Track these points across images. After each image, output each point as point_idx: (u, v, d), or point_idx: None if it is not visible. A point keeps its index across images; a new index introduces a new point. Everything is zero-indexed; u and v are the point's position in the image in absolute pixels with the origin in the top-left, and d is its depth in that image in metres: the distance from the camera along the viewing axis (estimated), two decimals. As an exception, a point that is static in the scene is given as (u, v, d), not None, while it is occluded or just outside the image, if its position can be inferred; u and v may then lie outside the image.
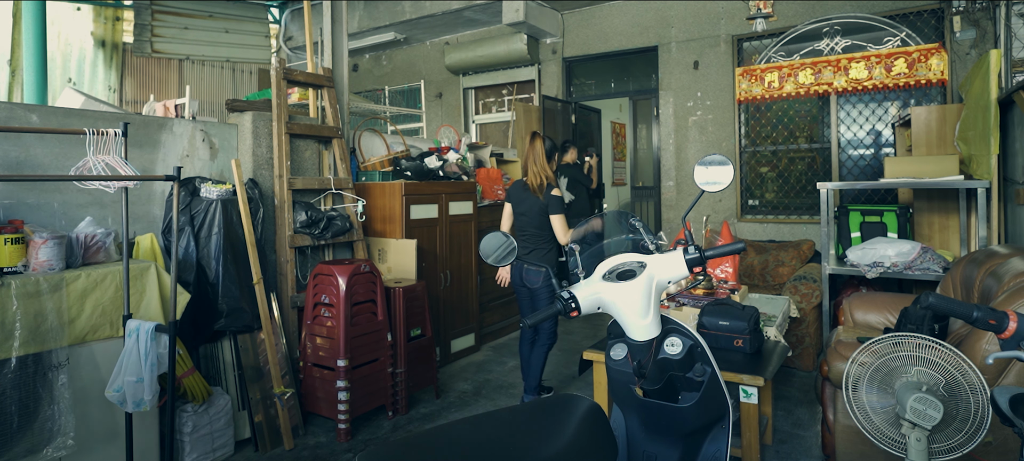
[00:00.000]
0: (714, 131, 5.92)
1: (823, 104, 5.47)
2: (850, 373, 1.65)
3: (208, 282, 2.98)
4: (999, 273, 2.32)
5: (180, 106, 5.01)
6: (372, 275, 3.33)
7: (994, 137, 3.36)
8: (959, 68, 4.74)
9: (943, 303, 1.44)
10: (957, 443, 1.51)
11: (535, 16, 6.32)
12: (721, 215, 5.84)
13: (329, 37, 4.08)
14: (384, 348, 3.38)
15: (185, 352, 2.78)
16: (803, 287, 4.04)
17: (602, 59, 6.77)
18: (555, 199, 3.27)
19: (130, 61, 7.44)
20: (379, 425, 3.34)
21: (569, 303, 1.48)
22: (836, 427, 2.48)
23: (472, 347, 4.65)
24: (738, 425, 2.45)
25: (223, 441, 2.90)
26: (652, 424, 1.64)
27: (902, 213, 4.10)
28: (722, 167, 1.65)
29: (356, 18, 7.27)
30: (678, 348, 1.53)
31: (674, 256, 1.52)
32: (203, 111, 6.06)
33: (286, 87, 3.57)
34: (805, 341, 3.98)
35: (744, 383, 2.39)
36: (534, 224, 3.35)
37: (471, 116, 7.75)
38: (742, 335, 2.60)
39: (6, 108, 2.63)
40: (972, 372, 1.48)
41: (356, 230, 3.81)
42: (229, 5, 7.35)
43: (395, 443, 1.23)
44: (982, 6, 4.60)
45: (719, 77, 5.86)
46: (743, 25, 5.66)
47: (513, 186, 3.50)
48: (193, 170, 3.25)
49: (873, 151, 5.30)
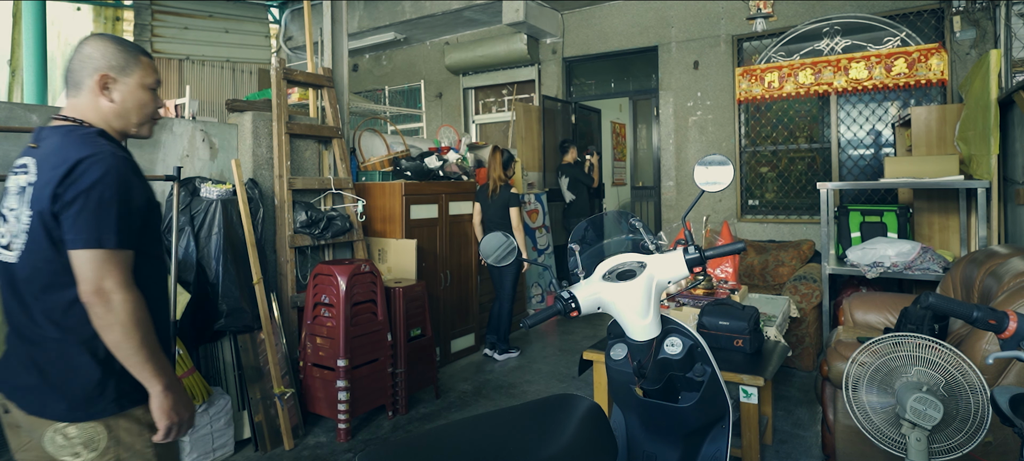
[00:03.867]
0: (714, 131, 5.92)
1: (823, 104, 5.47)
2: (850, 373, 1.65)
3: (208, 282, 2.98)
4: (999, 273, 2.32)
5: (180, 106, 5.01)
6: (372, 275, 3.33)
7: (994, 137, 3.36)
8: (959, 68, 4.74)
9: (943, 303, 1.44)
10: (957, 443, 1.51)
11: (535, 16, 6.32)
12: (721, 215, 5.84)
13: (329, 37, 4.08)
14: (384, 348, 3.38)
15: (185, 352, 2.78)
16: (803, 287, 4.04)
17: (602, 59, 6.77)
18: (513, 195, 4.34)
19: (130, 61, 7.43)
20: (379, 425, 3.34)
21: (569, 303, 1.48)
22: (836, 427, 2.48)
23: (472, 347, 4.65)
24: (738, 425, 2.45)
25: (223, 441, 2.90)
26: (652, 424, 1.64)
27: (902, 213, 4.10)
28: (722, 167, 1.65)
29: (356, 18, 7.27)
30: (678, 348, 1.53)
31: (674, 256, 1.52)
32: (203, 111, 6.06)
33: (286, 87, 3.57)
34: (805, 341, 3.98)
35: (744, 383, 2.39)
36: (495, 219, 4.36)
37: (471, 116, 7.75)
38: (742, 335, 2.60)
39: (6, 108, 2.63)
40: (972, 372, 1.48)
41: (356, 230, 3.81)
42: (229, 5, 7.35)
43: (395, 443, 1.23)
44: (982, 6, 4.60)
45: (719, 77, 5.86)
46: (743, 25, 5.66)
47: (480, 188, 4.51)
48: (193, 170, 3.25)
49: (873, 151, 5.31)
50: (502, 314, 4.42)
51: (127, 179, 1.31)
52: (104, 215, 1.25)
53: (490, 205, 4.39)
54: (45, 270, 1.29)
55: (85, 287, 1.25)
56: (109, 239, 1.26)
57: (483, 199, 4.45)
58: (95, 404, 1.31)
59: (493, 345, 4.50)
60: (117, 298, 1.26)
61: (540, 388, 3.87)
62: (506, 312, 4.42)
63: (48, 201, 1.26)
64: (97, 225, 1.25)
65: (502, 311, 4.42)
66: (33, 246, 1.29)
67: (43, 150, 1.33)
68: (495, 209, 4.37)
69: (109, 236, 1.26)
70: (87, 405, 1.31)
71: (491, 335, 4.51)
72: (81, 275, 1.25)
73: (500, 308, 4.42)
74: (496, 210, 4.36)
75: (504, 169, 4.42)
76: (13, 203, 1.34)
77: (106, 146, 1.32)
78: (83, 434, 1.31)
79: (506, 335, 4.47)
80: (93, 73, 1.37)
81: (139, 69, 1.42)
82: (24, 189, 1.31)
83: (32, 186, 1.30)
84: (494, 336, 4.48)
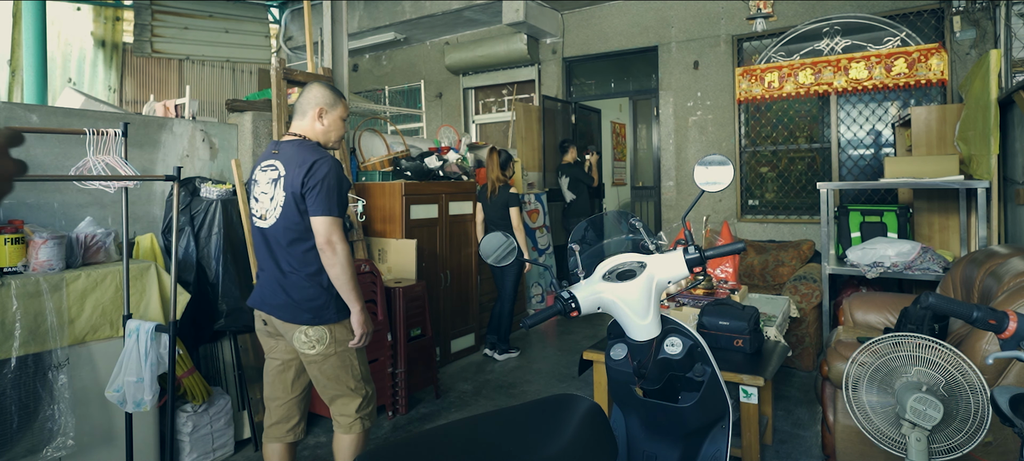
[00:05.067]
0: (714, 131, 5.92)
1: (823, 104, 5.47)
2: (850, 373, 1.65)
3: (208, 282, 2.98)
4: (999, 273, 2.32)
5: (180, 106, 5.01)
6: (372, 275, 3.33)
7: (994, 137, 3.35)
8: (959, 68, 4.74)
9: (943, 303, 1.44)
10: (957, 443, 1.51)
11: (535, 16, 6.31)
12: (721, 215, 5.84)
13: (329, 37, 4.08)
14: (384, 348, 3.38)
15: (185, 352, 2.78)
16: (803, 287, 4.04)
17: (602, 59, 6.77)
18: (512, 195, 4.34)
19: (130, 61, 7.43)
20: (379, 425, 3.34)
21: (569, 303, 1.48)
22: (836, 427, 2.48)
23: (472, 347, 4.65)
24: (738, 425, 2.45)
25: (223, 441, 2.90)
26: (652, 424, 1.64)
27: (902, 213, 4.10)
28: (722, 167, 1.65)
29: (356, 18, 7.27)
30: (678, 348, 1.53)
31: (674, 256, 1.52)
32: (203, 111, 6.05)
33: (286, 87, 3.57)
34: (805, 341, 3.98)
35: (744, 383, 2.39)
36: (494, 219, 4.37)
37: (471, 116, 7.75)
38: (742, 335, 2.60)
39: (6, 108, 2.62)
40: (972, 372, 1.48)
41: (356, 230, 3.81)
42: (229, 5, 7.34)
43: (395, 443, 1.23)
44: (982, 6, 4.60)
45: (719, 77, 5.85)
46: (743, 25, 5.66)
47: (480, 189, 4.54)
48: (193, 170, 3.25)
49: (873, 151, 5.30)
50: (503, 314, 4.43)
51: (341, 173, 2.06)
52: (332, 195, 1.99)
53: (490, 206, 4.41)
54: (292, 230, 2.01)
55: (321, 240, 1.98)
56: (334, 210, 1.99)
57: (483, 200, 4.48)
58: (323, 315, 2.04)
59: (493, 345, 4.50)
60: (340, 247, 1.99)
61: (540, 388, 3.87)
62: (507, 312, 4.43)
63: (298, 186, 1.98)
64: (328, 201, 1.98)
65: (503, 311, 4.43)
66: (285, 215, 2.01)
67: (284, 154, 2.06)
68: (494, 209, 4.38)
69: (334, 208, 1.99)
70: (319, 315, 2.04)
71: (491, 335, 4.51)
72: (318, 232, 1.98)
73: (501, 308, 4.43)
74: (495, 210, 4.38)
75: (502, 169, 4.43)
76: (267, 189, 2.06)
77: (326, 152, 2.07)
78: (317, 334, 2.05)
79: (506, 335, 4.48)
80: (314, 106, 2.11)
81: (340, 107, 2.18)
82: (276, 180, 2.04)
83: (283, 177, 2.02)
84: (494, 336, 4.48)
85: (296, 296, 2.02)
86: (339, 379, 2.11)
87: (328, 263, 1.99)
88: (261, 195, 2.07)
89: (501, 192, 4.37)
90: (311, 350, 2.05)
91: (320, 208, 1.96)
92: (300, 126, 2.11)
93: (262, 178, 2.08)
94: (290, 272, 2.03)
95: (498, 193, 4.37)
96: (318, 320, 2.03)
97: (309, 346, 2.05)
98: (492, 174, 4.39)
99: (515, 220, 4.35)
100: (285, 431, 2.21)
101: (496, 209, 4.37)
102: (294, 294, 2.02)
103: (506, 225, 4.34)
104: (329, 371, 2.09)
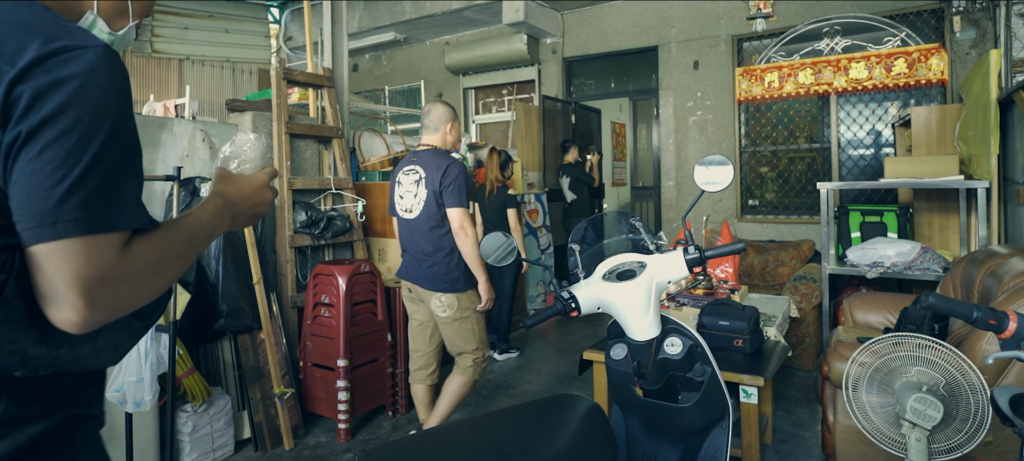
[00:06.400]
0: (714, 131, 5.92)
1: (823, 104, 5.47)
2: (850, 373, 1.65)
3: (208, 282, 2.98)
4: (999, 273, 2.32)
5: (180, 106, 5.01)
6: (372, 275, 3.33)
7: (994, 137, 3.35)
8: (959, 68, 4.74)
9: (943, 303, 1.44)
10: (957, 443, 1.51)
11: (535, 16, 6.31)
12: (721, 215, 5.84)
13: (329, 37, 4.07)
14: (384, 348, 3.38)
15: (185, 352, 2.78)
16: (803, 287, 4.04)
17: (602, 59, 6.77)
18: (510, 197, 4.41)
19: (130, 61, 7.43)
20: (379, 425, 3.34)
21: (569, 303, 1.48)
22: (836, 427, 2.48)
23: (472, 347, 4.65)
24: (738, 425, 2.45)
25: (223, 441, 2.90)
26: (652, 424, 1.64)
27: (902, 213, 4.10)
28: (722, 167, 1.65)
29: (356, 18, 7.27)
30: (678, 348, 1.53)
31: (674, 256, 1.52)
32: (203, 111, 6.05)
33: (286, 87, 3.57)
34: (805, 341, 3.98)
35: (744, 383, 2.39)
36: (492, 220, 4.41)
37: (471, 116, 7.75)
38: (742, 335, 2.60)
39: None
40: (972, 372, 1.48)
41: (356, 230, 3.81)
42: (229, 5, 7.34)
43: (395, 443, 1.23)
44: (982, 6, 4.60)
45: (719, 77, 5.85)
46: (743, 25, 5.66)
47: (478, 188, 4.59)
48: (193, 170, 3.25)
49: (873, 151, 5.30)
50: (502, 314, 4.44)
51: (467, 173, 2.65)
52: (462, 191, 2.59)
53: (487, 206, 4.44)
54: (432, 219, 2.62)
55: (455, 225, 2.58)
56: (465, 203, 2.59)
57: (480, 200, 4.51)
58: (455, 285, 2.64)
59: (493, 345, 4.50)
60: (470, 231, 2.58)
61: (540, 388, 3.87)
62: (506, 312, 4.44)
63: (437, 185, 2.59)
64: (459, 196, 2.58)
65: (502, 311, 4.44)
66: (427, 207, 2.62)
67: (422, 160, 2.68)
68: (492, 210, 4.41)
69: (465, 201, 2.59)
70: (451, 285, 2.64)
71: (491, 335, 4.51)
72: (453, 220, 2.58)
73: (500, 308, 4.44)
74: (494, 211, 4.41)
75: (501, 170, 4.46)
76: (411, 188, 2.68)
77: (454, 158, 2.66)
78: (448, 300, 2.65)
79: (506, 335, 4.49)
80: (445, 123, 2.74)
81: (458, 121, 2.80)
82: (419, 181, 2.65)
83: (424, 178, 2.64)
84: (494, 336, 4.49)
85: (434, 271, 2.62)
86: (464, 337, 2.69)
87: (461, 243, 2.58)
88: (405, 193, 2.71)
89: (499, 193, 4.40)
90: (443, 313, 2.66)
91: (454, 201, 2.57)
92: (432, 138, 2.73)
93: (406, 180, 2.71)
94: (430, 252, 2.62)
95: (496, 194, 4.41)
96: (450, 289, 2.63)
97: (442, 309, 2.65)
98: (491, 174, 4.42)
99: (512, 221, 4.37)
100: (426, 375, 2.85)
101: (494, 209, 4.40)
102: (433, 269, 2.62)
103: (503, 225, 4.34)
104: (457, 329, 2.69)
